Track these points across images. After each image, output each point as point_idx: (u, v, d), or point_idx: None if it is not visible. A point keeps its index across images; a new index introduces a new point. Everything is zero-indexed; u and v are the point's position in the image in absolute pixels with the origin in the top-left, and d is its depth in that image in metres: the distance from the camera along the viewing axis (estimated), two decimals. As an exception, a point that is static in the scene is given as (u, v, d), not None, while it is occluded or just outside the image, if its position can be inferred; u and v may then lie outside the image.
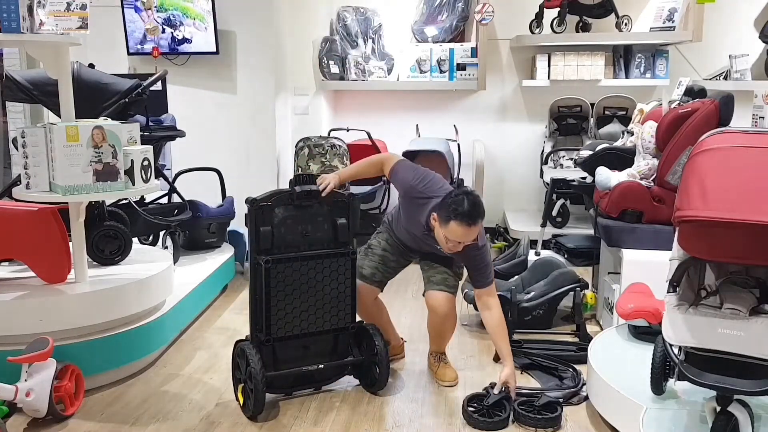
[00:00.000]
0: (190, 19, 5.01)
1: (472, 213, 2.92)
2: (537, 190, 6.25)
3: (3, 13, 2.87)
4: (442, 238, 3.01)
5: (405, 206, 3.24)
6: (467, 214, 2.91)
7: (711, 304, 2.35)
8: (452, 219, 2.92)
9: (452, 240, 2.97)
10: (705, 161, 2.27)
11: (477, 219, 2.94)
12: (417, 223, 3.17)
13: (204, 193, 4.86)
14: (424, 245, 3.27)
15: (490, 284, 3.17)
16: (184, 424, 2.96)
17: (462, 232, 2.93)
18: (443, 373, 3.37)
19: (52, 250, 3.25)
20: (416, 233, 3.23)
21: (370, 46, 6.13)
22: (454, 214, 2.92)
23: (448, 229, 2.95)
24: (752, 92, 4.20)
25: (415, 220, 3.18)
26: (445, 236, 2.98)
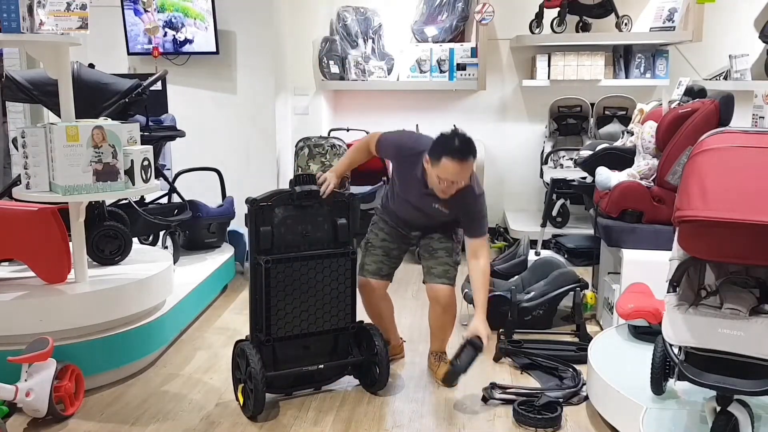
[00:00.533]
0: (191, 19, 5.01)
1: (463, 149, 2.90)
2: (537, 190, 6.25)
3: (3, 13, 2.87)
4: (435, 180, 2.97)
5: (399, 173, 3.22)
6: (458, 150, 2.89)
7: (711, 304, 2.35)
8: (443, 156, 2.89)
9: (445, 179, 2.93)
10: (705, 161, 2.27)
11: (468, 155, 2.92)
12: (413, 183, 3.13)
13: (204, 193, 4.86)
14: (423, 213, 3.22)
15: (482, 235, 3.16)
16: (184, 424, 2.96)
17: (454, 169, 2.90)
18: (443, 373, 3.36)
19: (52, 250, 3.25)
20: (414, 197, 3.18)
21: (370, 46, 6.13)
22: (446, 151, 2.89)
23: (440, 168, 2.91)
24: (752, 92, 4.20)
25: (411, 182, 3.14)
26: (438, 176, 2.94)
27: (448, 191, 3.00)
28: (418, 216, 3.30)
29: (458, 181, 2.96)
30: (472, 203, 3.11)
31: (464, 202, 3.09)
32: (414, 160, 3.10)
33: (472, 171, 3.02)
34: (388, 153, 3.26)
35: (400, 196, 3.29)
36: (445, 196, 3.03)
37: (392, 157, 3.25)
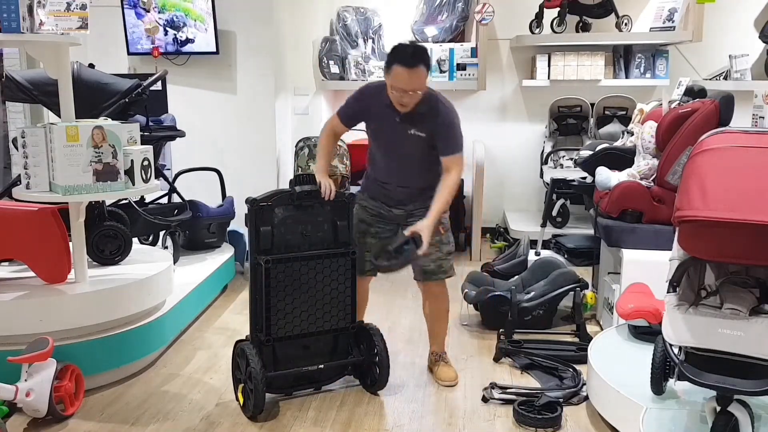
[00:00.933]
0: (191, 20, 5.01)
1: (411, 55, 2.94)
2: (537, 190, 6.25)
3: (3, 13, 2.87)
4: (393, 94, 3.01)
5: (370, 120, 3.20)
6: (408, 56, 2.93)
7: (711, 304, 2.35)
8: (394, 63, 2.94)
9: (398, 87, 2.96)
10: (705, 161, 2.27)
11: (416, 62, 2.94)
12: (385, 116, 3.11)
13: (204, 193, 4.86)
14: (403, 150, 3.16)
15: (457, 152, 3.12)
16: (184, 424, 2.96)
17: (403, 75, 2.93)
18: (443, 373, 3.37)
19: (52, 250, 3.25)
20: (390, 131, 3.14)
21: (370, 46, 6.13)
22: (396, 59, 2.95)
23: (392, 77, 2.96)
24: (752, 92, 4.20)
25: (382, 117, 3.12)
26: (392, 86, 2.98)
27: (404, 101, 3.01)
28: (399, 157, 3.20)
29: (410, 89, 2.97)
30: (444, 117, 3.10)
31: (436, 118, 3.08)
32: (379, 94, 3.11)
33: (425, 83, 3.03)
34: (358, 106, 3.21)
35: (379, 149, 3.25)
36: (404, 108, 3.04)
37: (362, 105, 3.20)
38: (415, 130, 3.10)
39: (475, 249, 5.63)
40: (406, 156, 3.19)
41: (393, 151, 3.21)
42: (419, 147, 3.14)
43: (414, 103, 3.03)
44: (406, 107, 3.05)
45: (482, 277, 4.30)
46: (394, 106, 3.07)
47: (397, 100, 3.03)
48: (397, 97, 3.02)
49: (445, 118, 3.10)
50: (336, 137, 3.32)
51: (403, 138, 3.13)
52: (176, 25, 5.03)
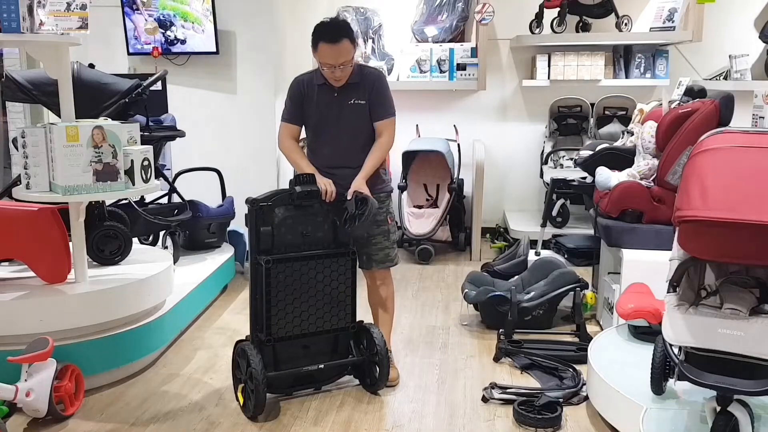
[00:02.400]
0: (183, 21, 5.00)
1: (332, 29, 3.06)
2: (537, 190, 6.25)
3: (3, 13, 2.87)
4: (325, 71, 3.10)
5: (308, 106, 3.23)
6: (328, 32, 3.05)
7: (711, 304, 2.35)
8: (319, 42, 3.06)
9: (327, 63, 3.06)
10: (705, 161, 2.27)
11: (339, 35, 3.04)
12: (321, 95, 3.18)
13: (204, 193, 4.86)
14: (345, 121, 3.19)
15: (390, 116, 3.24)
16: (184, 424, 2.96)
17: (330, 51, 3.04)
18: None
19: (52, 250, 3.25)
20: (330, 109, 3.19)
21: (370, 46, 6.13)
22: (319, 36, 3.06)
23: (319, 55, 3.07)
24: (752, 92, 4.20)
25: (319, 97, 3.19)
26: (321, 64, 3.09)
27: (336, 75, 3.10)
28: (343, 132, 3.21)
29: (338, 63, 3.06)
30: (377, 82, 3.21)
31: (371, 84, 3.19)
32: (310, 79, 3.23)
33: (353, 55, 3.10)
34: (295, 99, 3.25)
35: (321, 134, 3.27)
36: (339, 82, 3.14)
37: (297, 95, 3.25)
38: (354, 99, 3.19)
39: (475, 249, 5.63)
40: (350, 128, 3.23)
41: (336, 127, 3.24)
42: (361, 115, 3.22)
43: (347, 75, 3.13)
44: (340, 81, 3.14)
45: (482, 277, 4.30)
46: (328, 83, 3.17)
47: (330, 77, 3.12)
48: (329, 74, 3.11)
49: (378, 83, 3.22)
50: (295, 138, 3.32)
51: (344, 110, 3.21)
52: (164, 23, 5.03)
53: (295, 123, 3.29)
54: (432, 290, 4.79)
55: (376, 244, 3.30)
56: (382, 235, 3.30)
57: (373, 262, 3.32)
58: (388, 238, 3.32)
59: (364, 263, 3.35)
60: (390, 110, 3.25)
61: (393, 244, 3.36)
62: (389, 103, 3.25)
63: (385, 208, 3.31)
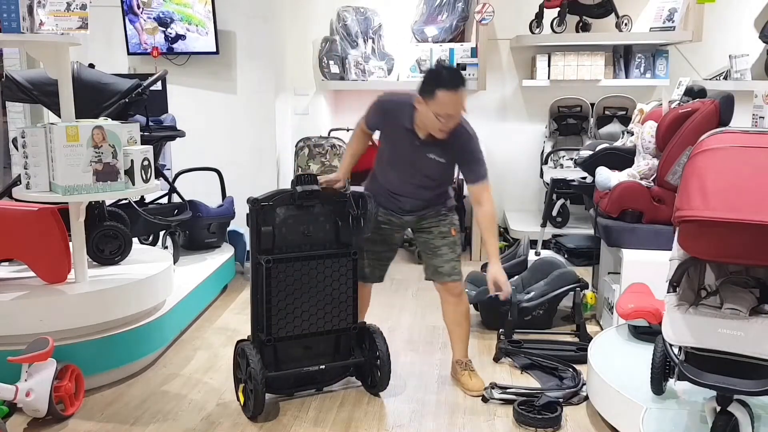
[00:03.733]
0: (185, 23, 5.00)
1: (454, 77, 2.92)
2: (537, 190, 6.25)
3: (3, 13, 2.87)
4: (432, 119, 2.92)
5: (388, 134, 3.17)
6: (451, 79, 2.90)
7: (711, 304, 2.35)
8: (437, 89, 2.87)
9: (442, 114, 2.90)
10: (705, 161, 2.27)
11: (460, 83, 2.92)
12: (404, 138, 3.07)
13: (204, 193, 4.86)
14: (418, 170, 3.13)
15: (483, 178, 3.13)
16: (184, 424, 2.96)
17: (450, 100, 2.88)
18: (469, 382, 3.28)
19: (52, 250, 3.25)
20: (407, 153, 3.10)
21: (370, 46, 6.13)
22: (438, 84, 2.88)
23: (435, 103, 2.89)
24: (752, 92, 4.20)
25: (401, 138, 3.08)
26: (435, 113, 2.90)
27: (447, 126, 2.95)
28: (414, 177, 3.16)
29: (455, 113, 2.93)
30: (467, 143, 3.06)
31: (459, 144, 3.04)
32: (399, 113, 3.06)
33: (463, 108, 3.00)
34: (376, 119, 3.19)
35: (392, 164, 3.20)
36: (443, 134, 2.98)
37: (380, 119, 3.18)
38: (434, 155, 3.07)
39: (475, 249, 5.63)
40: (423, 177, 3.17)
41: (408, 171, 3.17)
42: (437, 171, 3.14)
43: (454, 125, 2.97)
44: (445, 132, 2.98)
45: (482, 277, 4.28)
46: (414, 128, 3.03)
47: (437, 127, 2.95)
48: (439, 125, 2.93)
49: (468, 144, 3.07)
50: (364, 138, 3.30)
51: (421, 161, 3.11)
52: (163, 21, 5.02)
53: (371, 129, 3.24)
54: (432, 290, 4.75)
55: (442, 256, 3.23)
56: (448, 246, 3.24)
57: (441, 275, 3.25)
58: (453, 250, 3.25)
59: (430, 275, 3.31)
60: (483, 172, 3.11)
61: (458, 257, 3.28)
62: (481, 165, 3.11)
63: (449, 220, 3.27)
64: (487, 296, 3.05)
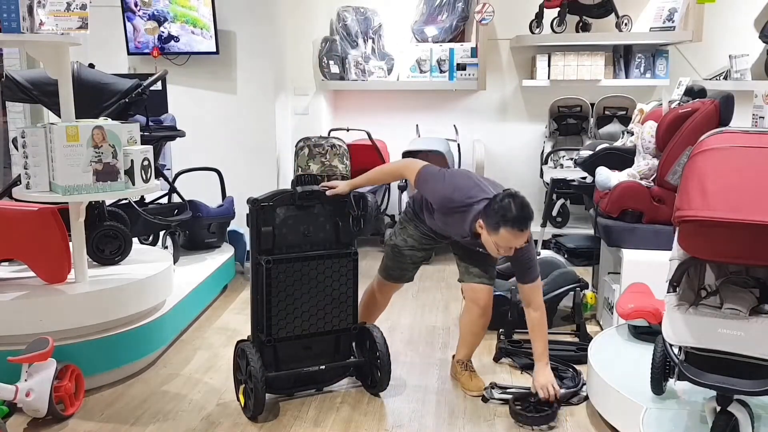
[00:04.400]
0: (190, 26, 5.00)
1: (522, 218, 2.84)
2: (537, 190, 6.24)
3: (3, 13, 2.87)
4: (492, 246, 2.89)
5: (442, 214, 3.08)
6: (518, 220, 2.82)
7: (711, 304, 2.35)
8: (502, 226, 2.81)
9: (503, 246, 2.87)
10: (705, 161, 2.27)
11: (527, 223, 2.85)
12: (458, 230, 3.04)
13: (204, 193, 4.86)
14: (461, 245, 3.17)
15: (533, 280, 3.05)
16: (184, 424, 2.96)
17: (513, 238, 2.83)
18: (469, 382, 3.28)
19: (52, 250, 3.25)
20: (457, 236, 3.11)
21: (370, 46, 6.13)
22: (504, 221, 2.81)
23: (498, 237, 2.84)
24: (752, 92, 4.20)
25: (455, 227, 3.05)
26: (496, 243, 2.87)
27: (506, 254, 2.93)
28: (456, 243, 3.22)
29: (517, 246, 2.89)
30: (524, 252, 2.98)
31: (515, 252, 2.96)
32: (462, 212, 2.97)
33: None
34: (429, 196, 3.08)
35: (439, 224, 3.14)
36: (499, 256, 2.98)
37: (435, 203, 3.06)
38: (482, 249, 3.02)
39: (475, 249, 5.62)
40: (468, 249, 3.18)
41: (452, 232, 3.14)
42: (481, 254, 3.10)
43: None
44: (503, 255, 2.95)
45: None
46: (473, 232, 2.96)
47: (497, 253, 2.92)
48: (499, 252, 2.91)
49: (525, 252, 2.99)
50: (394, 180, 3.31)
51: (467, 245, 3.13)
52: (157, 18, 5.01)
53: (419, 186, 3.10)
54: (432, 290, 4.79)
55: (475, 258, 3.16)
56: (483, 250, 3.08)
57: (470, 275, 3.21)
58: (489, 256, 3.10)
59: (461, 275, 3.27)
60: (535, 274, 3.03)
61: (494, 263, 3.20)
62: (534, 266, 3.03)
63: None
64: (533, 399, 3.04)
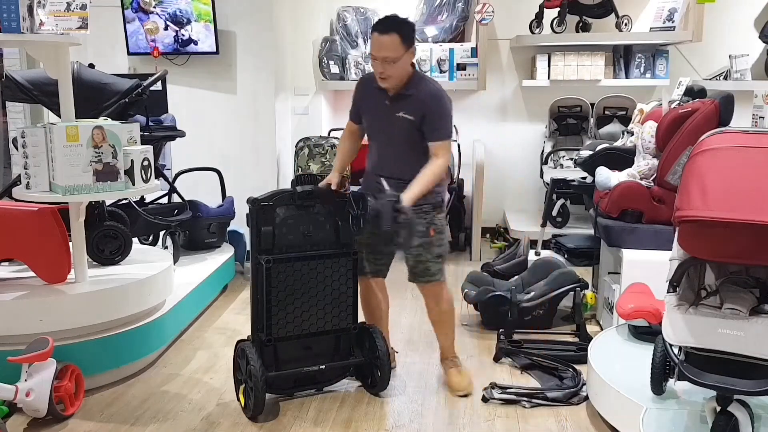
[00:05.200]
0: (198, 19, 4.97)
1: (384, 21, 3.01)
2: (537, 190, 6.25)
3: (3, 13, 2.87)
4: (372, 66, 3.05)
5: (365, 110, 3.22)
6: (381, 22, 3.00)
7: (711, 304, 2.35)
8: (372, 31, 3.02)
9: (375, 56, 2.99)
10: (705, 161, 2.27)
11: (388, 27, 2.96)
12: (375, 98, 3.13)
13: (204, 193, 4.86)
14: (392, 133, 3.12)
15: (442, 138, 3.05)
16: (184, 424, 2.96)
17: (376, 41, 2.97)
18: (453, 381, 3.26)
19: (52, 250, 3.25)
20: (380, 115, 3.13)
21: (370, 46, 6.13)
22: (372, 26, 3.03)
23: (369, 45, 3.01)
24: (752, 92, 4.21)
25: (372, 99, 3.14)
26: (372, 56, 3.02)
27: (379, 71, 3.00)
28: (389, 142, 3.15)
29: (380, 56, 2.96)
30: (431, 99, 3.03)
31: (425, 100, 3.02)
32: (369, 78, 3.16)
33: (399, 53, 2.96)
34: (355, 100, 3.26)
35: (371, 137, 3.25)
36: (385, 82, 3.02)
37: (358, 96, 3.25)
38: (403, 113, 3.06)
39: (475, 249, 5.63)
40: (397, 140, 3.13)
41: (383, 135, 3.17)
42: (407, 130, 3.08)
43: (392, 76, 3.00)
44: (386, 81, 3.02)
45: (482, 277, 4.30)
46: (384, 88, 3.07)
47: (375, 72, 3.04)
48: (374, 68, 3.03)
49: (432, 101, 3.04)
50: (352, 136, 3.31)
51: (391, 120, 3.09)
52: (179, 20, 4.99)
53: (354, 120, 3.27)
54: (432, 290, 4.78)
55: (416, 257, 3.13)
56: (423, 246, 3.11)
57: (413, 275, 3.20)
58: (429, 251, 3.12)
59: (409, 276, 3.25)
60: (444, 132, 3.06)
61: (436, 258, 3.15)
62: (445, 125, 3.06)
63: (428, 219, 3.11)
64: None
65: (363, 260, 3.26)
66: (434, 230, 3.14)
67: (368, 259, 3.27)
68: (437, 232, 3.16)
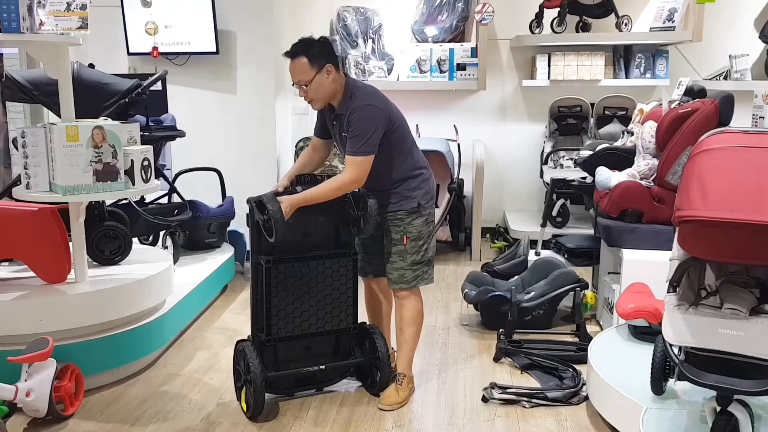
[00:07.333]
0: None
1: (293, 45, 2.97)
2: (537, 190, 6.25)
3: (3, 13, 2.87)
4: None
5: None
6: (291, 47, 2.98)
7: (711, 304, 2.35)
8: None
9: (293, 81, 3.00)
10: (705, 161, 2.27)
11: (295, 50, 2.95)
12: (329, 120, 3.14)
13: (204, 193, 4.86)
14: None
15: (354, 154, 2.91)
16: (184, 424, 2.96)
17: (289, 67, 2.98)
18: (386, 393, 3.15)
19: (52, 250, 3.25)
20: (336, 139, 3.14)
21: (370, 46, 6.13)
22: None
23: None
24: (752, 92, 4.20)
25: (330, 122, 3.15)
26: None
27: (303, 96, 3.02)
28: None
29: (295, 80, 2.98)
30: (350, 116, 2.95)
31: (348, 118, 2.97)
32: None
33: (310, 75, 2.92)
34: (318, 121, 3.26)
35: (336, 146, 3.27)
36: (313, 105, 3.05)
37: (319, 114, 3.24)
38: (343, 132, 3.03)
39: (475, 249, 5.63)
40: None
41: (343, 151, 3.10)
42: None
43: (315, 98, 2.99)
44: (313, 103, 3.03)
45: (482, 277, 4.30)
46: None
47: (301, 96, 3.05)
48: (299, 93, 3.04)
49: (352, 116, 2.95)
50: (314, 150, 3.29)
51: (341, 139, 3.08)
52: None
53: (316, 135, 3.27)
54: (432, 290, 4.78)
55: (392, 263, 3.11)
56: (398, 254, 3.08)
57: (389, 280, 3.17)
58: (403, 258, 3.08)
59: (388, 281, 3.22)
60: (356, 148, 2.91)
61: (413, 266, 3.09)
62: (358, 141, 2.91)
63: (402, 227, 3.07)
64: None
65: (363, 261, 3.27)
66: (407, 238, 3.08)
67: (364, 260, 3.27)
68: (412, 240, 3.09)
